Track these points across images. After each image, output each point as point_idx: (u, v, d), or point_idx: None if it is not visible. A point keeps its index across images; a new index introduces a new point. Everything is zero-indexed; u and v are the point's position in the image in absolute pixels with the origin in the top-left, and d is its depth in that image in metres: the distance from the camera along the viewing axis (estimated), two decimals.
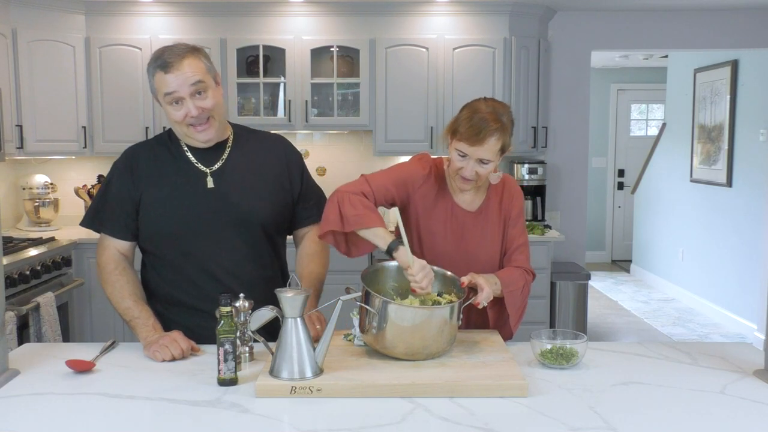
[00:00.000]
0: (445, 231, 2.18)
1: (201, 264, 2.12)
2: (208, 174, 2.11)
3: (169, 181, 2.11)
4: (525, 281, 2.16)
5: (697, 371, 1.90)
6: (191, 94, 2.00)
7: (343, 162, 5.11)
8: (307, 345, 1.77)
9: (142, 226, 2.13)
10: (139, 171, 2.12)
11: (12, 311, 3.38)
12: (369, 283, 1.97)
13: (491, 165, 2.05)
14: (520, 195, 2.25)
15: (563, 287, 4.75)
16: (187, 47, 2.04)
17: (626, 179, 8.92)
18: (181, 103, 2.01)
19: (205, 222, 2.09)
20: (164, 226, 2.10)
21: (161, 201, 2.09)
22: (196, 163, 2.12)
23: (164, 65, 1.99)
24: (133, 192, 2.11)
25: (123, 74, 4.69)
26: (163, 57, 2.00)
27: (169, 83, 1.99)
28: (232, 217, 2.10)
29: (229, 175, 2.13)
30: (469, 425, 1.54)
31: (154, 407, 1.66)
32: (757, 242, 5.50)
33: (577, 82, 5.21)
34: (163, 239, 2.13)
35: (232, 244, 2.12)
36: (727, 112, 5.94)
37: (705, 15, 5.15)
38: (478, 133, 1.99)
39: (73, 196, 4.94)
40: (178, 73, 1.98)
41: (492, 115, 2.01)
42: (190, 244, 2.10)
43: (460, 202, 2.19)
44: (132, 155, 2.16)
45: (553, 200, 5.24)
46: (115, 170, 2.16)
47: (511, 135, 2.08)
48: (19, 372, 1.88)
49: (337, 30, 4.74)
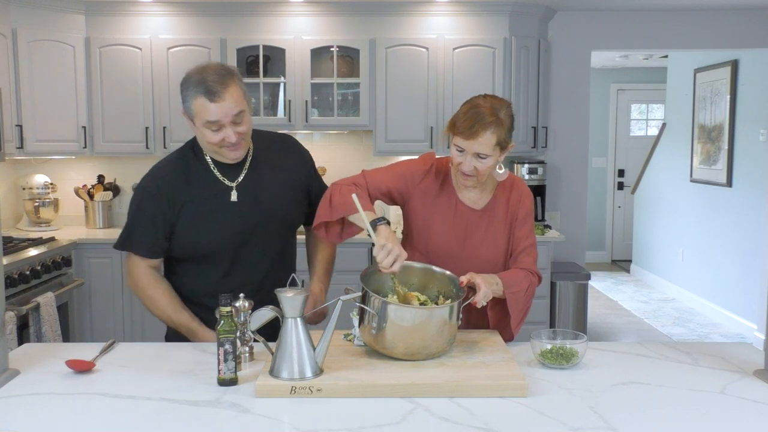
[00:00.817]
0: (447, 228, 2.18)
1: (234, 274, 2.20)
2: (233, 188, 2.17)
3: (201, 199, 2.17)
4: (529, 283, 2.14)
5: (697, 371, 1.90)
6: (231, 121, 2.04)
7: (343, 162, 5.11)
8: (307, 345, 1.77)
9: (176, 243, 2.19)
10: (174, 193, 2.16)
11: (12, 311, 3.38)
12: (368, 284, 1.97)
13: (489, 160, 2.05)
14: (528, 196, 2.23)
15: (563, 287, 4.75)
16: (226, 71, 2.04)
17: (626, 179, 8.92)
18: (220, 129, 2.04)
19: (235, 235, 2.17)
20: (197, 242, 2.18)
21: (196, 220, 2.16)
22: (222, 178, 2.18)
23: (209, 93, 2.00)
24: (169, 215, 2.16)
25: (123, 74, 4.69)
26: (207, 83, 2.00)
27: (212, 113, 2.01)
28: (258, 227, 2.19)
29: (252, 186, 2.19)
30: (469, 425, 1.54)
31: (154, 407, 1.66)
32: (757, 242, 5.50)
33: (577, 82, 5.21)
34: (194, 252, 2.20)
35: (263, 251, 2.21)
36: (727, 112, 5.94)
37: (705, 15, 5.15)
38: (472, 127, 2.01)
39: (73, 196, 4.94)
40: (223, 103, 2.00)
41: (488, 110, 2.03)
42: (223, 257, 2.19)
43: (464, 200, 2.19)
44: (162, 178, 2.19)
45: (553, 200, 5.24)
46: (145, 195, 2.19)
47: (509, 131, 2.07)
48: (19, 372, 1.88)
49: (337, 30, 4.74)
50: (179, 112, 2.06)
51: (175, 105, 4.68)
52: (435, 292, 2.07)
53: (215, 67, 2.06)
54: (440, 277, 2.09)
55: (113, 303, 4.48)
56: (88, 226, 4.91)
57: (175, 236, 2.18)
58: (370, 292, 1.89)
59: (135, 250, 2.21)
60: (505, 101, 2.10)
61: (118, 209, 5.08)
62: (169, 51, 4.68)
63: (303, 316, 1.80)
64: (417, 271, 2.10)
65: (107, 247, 4.46)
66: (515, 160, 5.03)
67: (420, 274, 2.10)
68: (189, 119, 2.09)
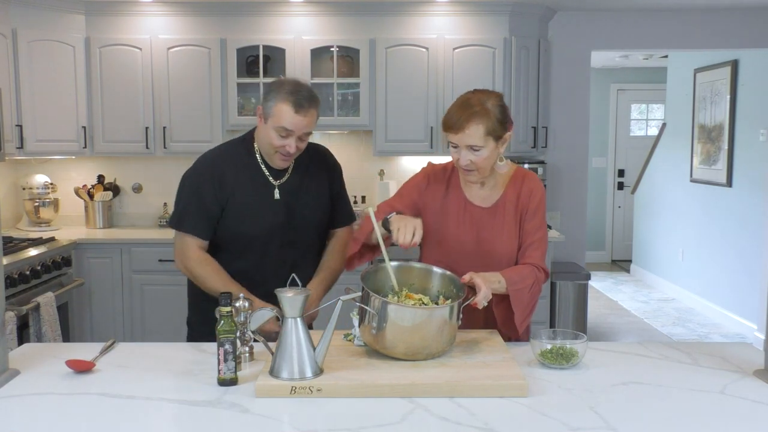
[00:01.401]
0: (458, 228, 2.19)
1: (263, 262, 2.35)
2: (276, 186, 2.36)
3: (249, 191, 2.34)
4: (534, 279, 2.11)
5: (697, 371, 1.90)
6: (300, 136, 2.24)
7: (343, 162, 5.06)
8: (307, 345, 1.77)
9: (222, 227, 2.34)
10: (226, 178, 2.32)
11: (12, 311, 3.38)
12: (368, 284, 1.97)
13: (484, 151, 2.06)
14: (539, 190, 2.21)
15: (563, 287, 4.75)
16: (314, 96, 2.26)
17: (626, 179, 8.92)
18: (288, 137, 2.23)
19: (273, 229, 2.34)
20: (241, 229, 2.33)
21: (242, 207, 2.33)
22: (268, 175, 2.36)
23: (297, 105, 2.19)
24: (221, 198, 2.32)
25: (123, 74, 4.68)
26: (299, 95, 2.20)
27: (291, 121, 2.20)
28: (294, 226, 2.36)
29: (293, 188, 2.38)
30: (469, 425, 1.54)
31: (154, 407, 1.66)
32: (757, 242, 5.50)
33: (577, 82, 5.21)
34: (238, 242, 2.35)
35: (294, 249, 2.37)
36: (727, 112, 5.94)
37: (705, 15, 5.15)
38: (459, 119, 2.04)
39: (73, 196, 4.94)
40: (303, 118, 2.21)
41: (475, 102, 2.06)
42: (259, 248, 2.34)
43: (473, 199, 2.20)
44: (215, 164, 2.36)
45: (553, 200, 5.24)
46: (199, 178, 2.34)
47: (500, 121, 2.07)
48: (19, 372, 1.88)
49: (337, 30, 4.74)
50: (180, 112, 2.14)
51: (175, 105, 4.68)
52: (435, 292, 2.08)
53: (308, 87, 2.28)
54: (440, 277, 2.09)
55: (113, 303, 4.48)
56: (88, 226, 4.91)
57: (221, 220, 2.33)
58: (371, 292, 1.89)
59: (189, 231, 2.34)
60: (494, 93, 2.13)
61: (118, 209, 5.08)
62: (169, 51, 4.68)
63: (303, 315, 1.80)
64: (417, 271, 2.11)
65: (107, 247, 4.46)
66: (515, 160, 5.01)
67: (420, 274, 2.10)
68: (262, 116, 2.27)
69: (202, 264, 2.32)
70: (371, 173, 5.12)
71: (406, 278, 2.08)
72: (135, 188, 5.10)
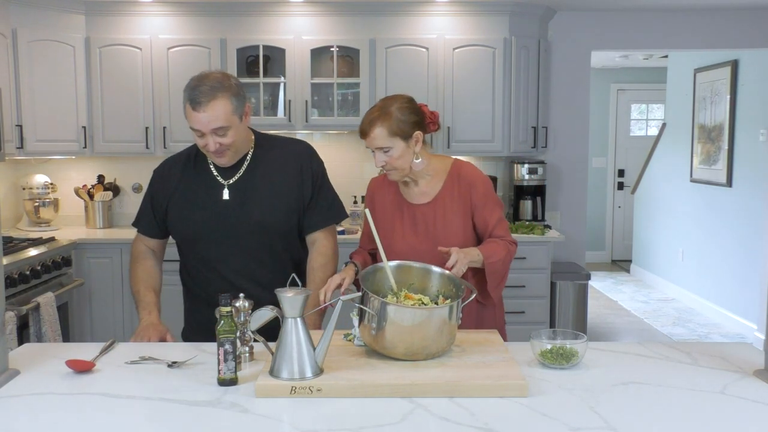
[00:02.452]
0: (404, 229, 2.32)
1: (216, 267, 2.31)
2: (225, 186, 2.29)
3: (192, 190, 2.31)
4: (507, 251, 2.28)
5: (697, 371, 1.90)
6: (212, 132, 2.15)
7: (343, 162, 5.11)
8: (307, 345, 1.77)
9: (170, 229, 2.38)
10: (170, 180, 2.35)
11: (12, 311, 3.38)
12: (368, 284, 1.97)
13: (394, 151, 2.21)
14: (478, 180, 2.32)
15: (563, 287, 4.75)
16: (219, 84, 2.13)
17: (626, 179, 8.92)
18: (202, 137, 2.18)
19: (218, 230, 2.28)
20: (183, 231, 2.34)
21: (182, 208, 2.32)
22: (217, 176, 2.31)
23: (193, 102, 2.12)
24: (162, 199, 2.35)
25: (123, 74, 4.69)
26: (196, 91, 2.12)
27: (194, 121, 2.15)
28: (245, 226, 2.27)
29: (244, 187, 2.29)
30: (469, 425, 1.54)
31: (154, 407, 1.66)
32: (757, 242, 5.50)
33: (577, 82, 5.21)
34: (183, 243, 2.38)
35: (245, 250, 2.29)
36: (727, 112, 5.94)
37: (705, 15, 5.15)
38: (364, 125, 2.22)
39: (73, 196, 4.94)
40: (203, 114, 2.12)
41: (378, 106, 2.23)
42: (205, 249, 2.31)
43: (412, 198, 2.34)
44: (167, 165, 2.40)
45: (553, 200, 5.24)
46: (153, 177, 2.41)
47: (402, 121, 2.19)
48: (19, 372, 1.88)
49: (337, 30, 4.74)
50: (179, 112, 2.17)
51: (175, 105, 4.68)
52: (434, 291, 2.08)
53: (213, 77, 2.15)
54: (439, 277, 2.09)
55: (113, 303, 4.48)
56: (88, 226, 4.91)
57: (167, 219, 2.35)
58: (370, 293, 1.89)
59: (136, 225, 2.45)
60: (401, 96, 2.27)
61: (118, 209, 5.08)
62: (169, 51, 4.68)
63: (303, 315, 1.80)
64: (417, 271, 2.11)
65: (107, 247, 4.46)
66: (515, 160, 5.03)
67: (419, 274, 2.11)
68: None
69: (137, 260, 2.41)
70: (371, 174, 5.12)
71: (405, 278, 2.09)
72: (135, 188, 5.10)
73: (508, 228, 2.35)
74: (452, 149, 4.75)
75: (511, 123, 4.78)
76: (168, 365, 1.92)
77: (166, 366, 1.92)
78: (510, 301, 3.47)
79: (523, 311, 4.60)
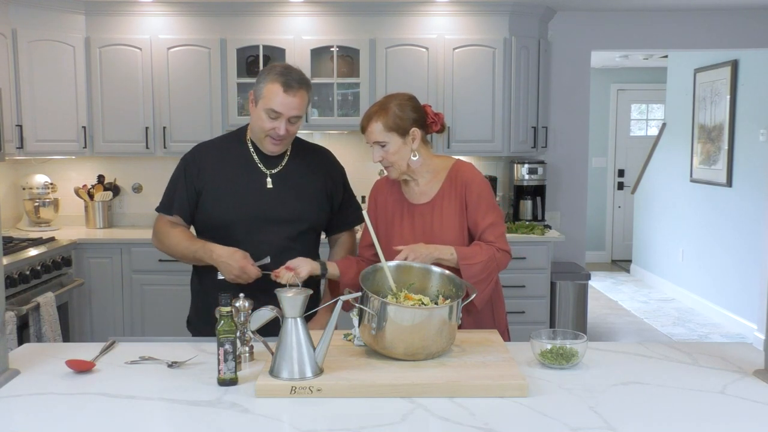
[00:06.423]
0: (403, 228, 2.32)
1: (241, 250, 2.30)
2: (268, 175, 2.37)
3: (232, 176, 2.36)
4: (490, 256, 2.22)
5: (697, 371, 1.90)
6: (289, 118, 2.26)
7: (342, 162, 5.09)
8: (307, 345, 1.77)
9: (201, 213, 2.39)
10: (205, 164, 2.37)
11: (12, 311, 3.38)
12: (367, 285, 1.97)
13: (389, 146, 2.22)
14: (474, 180, 2.31)
15: (563, 287, 4.75)
16: (306, 80, 2.29)
17: (626, 179, 8.92)
18: (277, 119, 2.25)
19: (260, 217, 2.34)
20: (219, 215, 2.35)
21: (221, 193, 2.35)
22: (259, 164, 2.38)
23: (287, 85, 2.22)
24: (196, 181, 2.37)
25: (123, 74, 4.68)
26: (289, 76, 2.23)
27: (280, 102, 2.22)
28: (284, 216, 2.36)
29: (286, 179, 2.39)
30: (469, 425, 1.54)
31: (154, 407, 1.66)
32: (757, 242, 5.50)
33: (577, 82, 5.21)
34: (218, 227, 2.35)
35: (278, 239, 2.34)
36: (727, 112, 5.94)
37: (705, 15, 5.14)
38: (363, 121, 2.25)
39: (73, 196, 4.94)
40: (293, 99, 2.23)
41: (378, 103, 2.26)
42: (241, 234, 2.32)
43: (412, 198, 2.35)
44: (199, 150, 2.44)
45: (553, 200, 5.24)
46: (181, 162, 2.43)
47: (401, 117, 2.21)
48: (19, 372, 1.88)
49: (337, 30, 4.74)
50: (180, 112, 2.17)
51: (175, 105, 4.68)
52: (434, 291, 2.08)
53: (298, 70, 2.30)
54: (439, 277, 2.09)
55: (113, 303, 4.48)
56: (88, 226, 4.91)
57: (199, 204, 2.37)
58: (369, 293, 1.89)
59: (159, 209, 2.44)
60: (402, 94, 2.28)
61: (118, 209, 5.08)
62: (169, 51, 4.68)
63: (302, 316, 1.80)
64: (416, 270, 2.11)
65: (107, 247, 4.46)
66: (515, 160, 5.03)
67: (419, 274, 2.11)
68: (252, 101, 2.29)
69: (167, 229, 2.39)
70: (371, 173, 5.12)
71: (405, 278, 2.09)
72: (135, 188, 5.10)
73: (502, 235, 2.28)
74: (452, 149, 4.75)
75: (511, 123, 4.78)
76: (168, 365, 1.92)
77: (166, 366, 1.92)
78: (510, 301, 3.46)
79: (523, 311, 4.60)
